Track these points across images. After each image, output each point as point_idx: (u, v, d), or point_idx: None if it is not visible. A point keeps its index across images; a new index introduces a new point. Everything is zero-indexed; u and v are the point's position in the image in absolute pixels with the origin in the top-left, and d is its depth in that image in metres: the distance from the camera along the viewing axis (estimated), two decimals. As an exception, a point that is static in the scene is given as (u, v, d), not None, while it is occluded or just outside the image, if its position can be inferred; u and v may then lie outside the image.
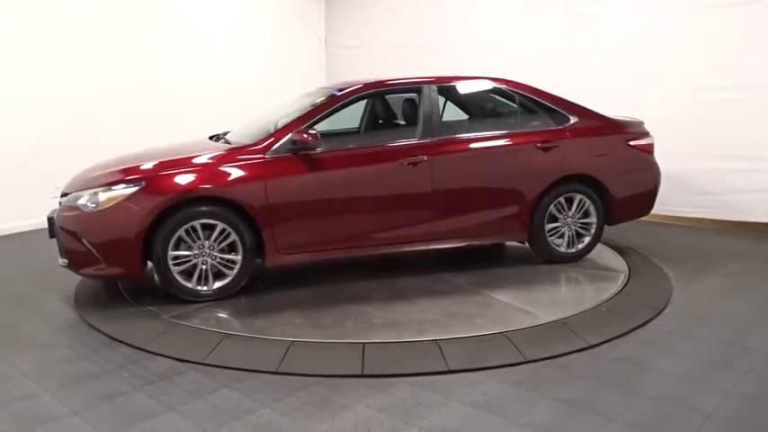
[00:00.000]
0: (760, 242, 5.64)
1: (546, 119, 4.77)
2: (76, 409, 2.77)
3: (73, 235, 3.94)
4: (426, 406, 2.76)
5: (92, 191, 3.93)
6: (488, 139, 4.63)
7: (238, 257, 4.03)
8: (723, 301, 4.12)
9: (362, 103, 5.17)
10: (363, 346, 3.32)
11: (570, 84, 6.18)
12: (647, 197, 5.08)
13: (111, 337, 3.53)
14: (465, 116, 5.20)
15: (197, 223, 3.91)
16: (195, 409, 2.74)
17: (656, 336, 3.54)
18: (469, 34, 7.72)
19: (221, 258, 4.02)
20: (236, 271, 4.05)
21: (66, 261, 4.05)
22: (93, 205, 3.87)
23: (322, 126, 4.33)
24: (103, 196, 3.87)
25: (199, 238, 3.94)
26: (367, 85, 4.53)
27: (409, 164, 4.30)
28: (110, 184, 3.91)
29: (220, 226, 3.95)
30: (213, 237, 3.96)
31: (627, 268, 4.72)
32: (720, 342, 3.45)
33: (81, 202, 3.93)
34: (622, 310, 3.87)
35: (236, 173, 4.00)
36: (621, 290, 4.24)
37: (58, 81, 6.54)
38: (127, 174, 3.97)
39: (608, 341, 3.42)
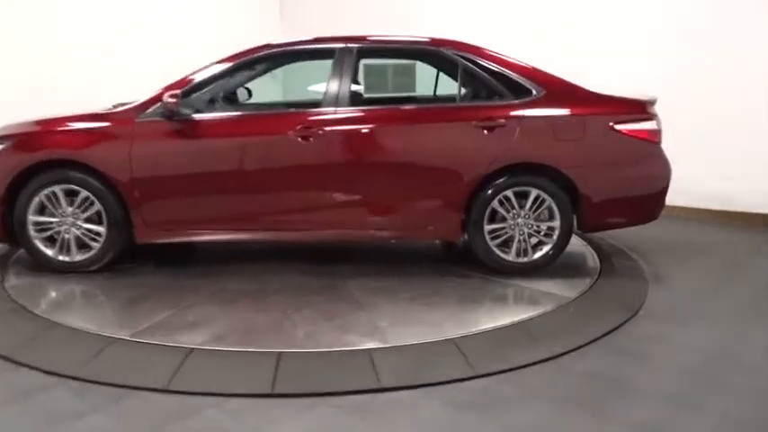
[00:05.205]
0: (743, 232, 5.20)
1: (499, 90, 3.80)
2: None
3: None
4: (347, 437, 2.18)
5: None
6: (407, 114, 3.91)
7: (103, 229, 3.73)
8: (704, 298, 3.67)
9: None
10: (278, 357, 2.72)
11: (553, 58, 5.69)
12: (643, 202, 3.91)
13: (-29, 342, 2.88)
14: (395, 84, 4.63)
15: (57, 189, 3.68)
16: (46, 443, 2.12)
17: (630, 342, 3.03)
18: (442, 3, 7.12)
19: (86, 229, 3.75)
20: (100, 244, 3.76)
21: None
22: None
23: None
24: None
25: (61, 206, 3.71)
26: (264, 47, 3.90)
27: (300, 137, 3.66)
28: None
29: (83, 194, 3.69)
30: (76, 204, 3.71)
31: (598, 262, 4.22)
32: (703, 349, 2.96)
33: None
34: (592, 312, 3.36)
35: (98, 138, 3.70)
36: (591, 287, 3.73)
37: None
38: (7, 131, 3.79)
39: (574, 350, 2.89)
